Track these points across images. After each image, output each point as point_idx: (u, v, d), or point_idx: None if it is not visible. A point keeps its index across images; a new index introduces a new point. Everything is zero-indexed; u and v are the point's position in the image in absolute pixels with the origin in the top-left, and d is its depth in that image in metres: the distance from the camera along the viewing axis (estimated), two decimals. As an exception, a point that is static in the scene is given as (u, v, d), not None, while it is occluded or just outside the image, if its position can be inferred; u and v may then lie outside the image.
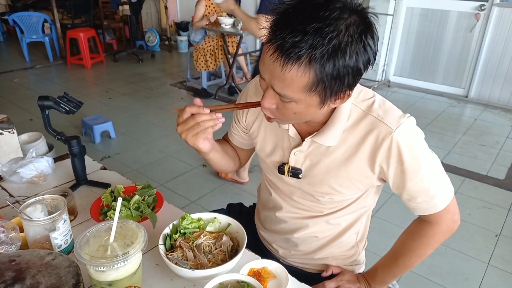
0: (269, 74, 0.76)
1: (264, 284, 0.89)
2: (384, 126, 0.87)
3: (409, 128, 0.88)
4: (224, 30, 4.19)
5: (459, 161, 3.26)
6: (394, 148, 0.87)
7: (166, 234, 0.97)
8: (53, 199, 0.98)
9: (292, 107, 0.79)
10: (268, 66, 0.75)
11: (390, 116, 0.88)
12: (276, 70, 0.73)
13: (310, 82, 0.72)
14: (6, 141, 1.35)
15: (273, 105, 0.82)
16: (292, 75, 0.72)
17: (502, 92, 4.45)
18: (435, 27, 4.71)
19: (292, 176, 1.00)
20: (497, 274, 2.10)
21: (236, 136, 1.17)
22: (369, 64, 0.77)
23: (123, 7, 6.30)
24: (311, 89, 0.74)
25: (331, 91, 0.75)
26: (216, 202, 2.66)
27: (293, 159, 0.99)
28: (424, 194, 0.93)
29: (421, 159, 0.89)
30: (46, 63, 6.04)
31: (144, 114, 4.19)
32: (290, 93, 0.75)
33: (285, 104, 0.79)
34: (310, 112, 0.81)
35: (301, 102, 0.77)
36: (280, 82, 0.74)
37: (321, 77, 0.71)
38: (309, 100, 0.76)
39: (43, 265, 0.76)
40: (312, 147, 0.95)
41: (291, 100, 0.77)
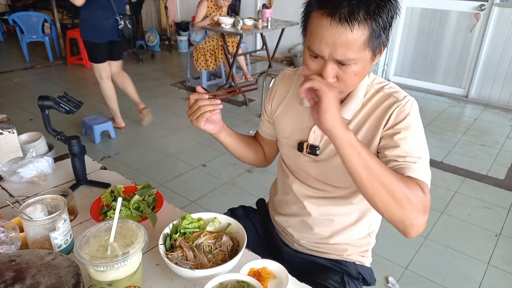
0: (329, 47, 0.83)
1: (264, 284, 0.89)
2: (393, 97, 0.97)
3: (412, 103, 0.97)
4: (224, 30, 4.19)
5: (459, 161, 3.26)
6: (395, 114, 0.95)
7: (166, 234, 0.97)
8: (53, 199, 0.98)
9: (353, 69, 0.86)
10: (329, 37, 0.82)
11: (398, 93, 0.99)
12: (340, 38, 0.81)
13: (367, 37, 0.82)
14: (6, 141, 1.35)
15: (334, 78, 0.88)
16: (354, 36, 0.81)
17: (502, 92, 4.45)
18: (435, 27, 4.71)
19: (310, 153, 1.06)
20: (497, 274, 2.10)
21: (263, 127, 1.25)
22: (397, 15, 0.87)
23: (123, 7, 6.30)
24: (368, 43, 0.83)
25: (379, 42, 0.85)
26: (216, 202, 2.66)
27: (312, 136, 1.06)
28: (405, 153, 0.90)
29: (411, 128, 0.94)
30: (46, 63, 6.04)
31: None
32: (353, 55, 0.83)
33: (346, 70, 0.86)
34: (365, 70, 0.90)
35: (359, 61, 0.85)
36: (343, 48, 0.82)
37: (373, 30, 0.82)
38: (365, 56, 0.85)
39: (43, 265, 0.76)
40: None
41: (351, 62, 0.85)
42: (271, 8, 4.53)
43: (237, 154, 1.23)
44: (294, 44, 5.85)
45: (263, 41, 4.90)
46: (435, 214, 2.57)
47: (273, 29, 4.52)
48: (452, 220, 2.52)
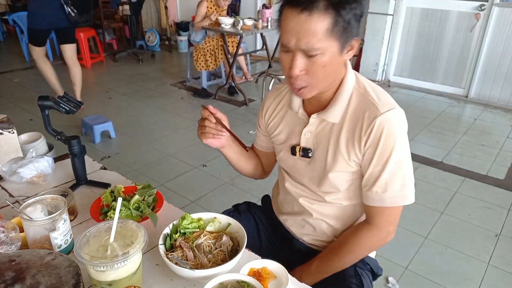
0: (295, 36, 0.87)
1: (264, 284, 0.89)
2: (374, 108, 0.97)
3: (395, 117, 0.96)
4: (224, 30, 4.19)
5: (459, 161, 3.26)
6: (375, 131, 0.95)
7: (166, 234, 0.97)
8: (53, 199, 0.98)
9: (320, 60, 0.89)
10: (294, 27, 0.87)
11: (383, 102, 0.98)
12: (301, 25, 0.86)
13: (330, 26, 0.86)
14: (6, 141, 1.35)
15: (303, 71, 0.92)
16: (315, 22, 0.85)
17: (502, 92, 4.45)
18: (435, 27, 4.71)
19: (303, 155, 1.09)
20: (497, 274, 2.10)
21: (258, 141, 1.30)
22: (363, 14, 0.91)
23: (123, 7, 6.30)
24: (331, 33, 0.86)
25: (346, 35, 0.88)
26: (216, 202, 2.66)
27: (304, 139, 1.09)
28: (379, 185, 0.99)
29: (394, 150, 0.95)
30: (46, 63, 6.03)
31: (144, 114, 4.20)
32: (317, 43, 0.86)
33: (313, 61, 0.89)
34: (335, 62, 0.92)
35: (326, 51, 0.88)
36: (306, 36, 0.86)
37: (336, 19, 0.85)
38: (331, 47, 0.88)
39: (43, 265, 0.76)
40: (320, 126, 1.05)
41: (318, 52, 0.88)
42: (271, 8, 4.53)
43: (237, 167, 1.28)
44: (294, 44, 5.84)
45: (263, 41, 4.90)
46: (435, 214, 2.57)
47: (273, 29, 4.51)
48: (452, 220, 2.52)
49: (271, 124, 1.20)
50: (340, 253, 1.08)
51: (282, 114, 1.16)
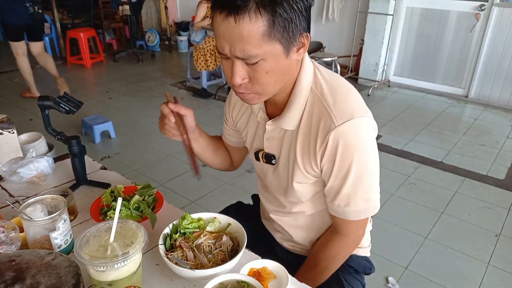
0: (228, 42, 0.77)
1: (264, 284, 0.89)
2: (329, 119, 0.86)
3: (353, 129, 0.85)
4: (224, 30, 4.18)
5: (459, 161, 3.26)
6: (330, 146, 0.87)
7: (166, 234, 0.97)
8: (53, 199, 0.98)
9: (263, 67, 0.79)
10: (224, 33, 0.76)
11: (339, 110, 0.86)
12: (232, 31, 0.74)
13: (266, 28, 0.74)
14: (6, 141, 1.35)
15: (245, 78, 0.82)
16: (247, 27, 0.73)
17: (502, 92, 4.45)
18: (435, 27, 4.71)
19: (266, 162, 1.03)
20: (497, 274, 2.10)
21: (227, 135, 1.22)
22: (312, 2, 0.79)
23: (123, 7, 6.30)
24: (270, 36, 0.75)
25: (289, 34, 0.77)
26: (216, 202, 2.66)
27: (267, 145, 1.02)
28: (340, 199, 0.93)
29: (352, 165, 0.88)
30: (46, 63, 6.03)
31: (144, 114, 4.20)
32: (253, 49, 0.75)
33: (255, 68, 0.79)
34: (281, 66, 0.81)
35: (267, 57, 0.77)
36: (240, 42, 0.75)
37: (273, 19, 0.73)
38: (273, 50, 0.77)
39: (43, 265, 0.76)
40: (280, 134, 0.98)
41: (258, 58, 0.77)
42: (271, 8, 4.52)
43: (202, 160, 1.19)
44: (294, 44, 5.84)
45: (263, 41, 4.90)
46: (435, 214, 2.57)
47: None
48: (452, 220, 2.52)
49: (238, 123, 1.13)
50: (316, 271, 1.03)
51: (247, 115, 1.08)
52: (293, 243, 1.17)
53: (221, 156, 1.23)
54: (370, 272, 1.18)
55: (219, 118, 4.10)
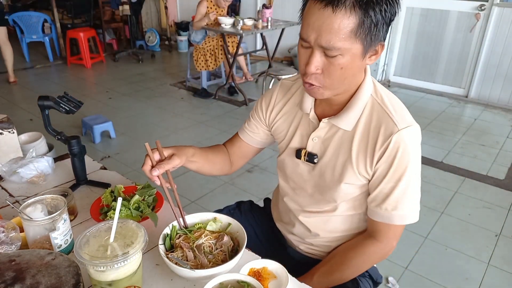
0: (315, 31, 0.81)
1: (264, 284, 0.89)
2: (392, 123, 0.92)
3: (413, 135, 0.92)
4: (224, 30, 4.19)
5: (459, 161, 3.26)
6: (392, 147, 0.91)
7: (166, 234, 0.97)
8: (53, 199, 0.98)
9: (339, 62, 0.83)
10: (316, 21, 0.80)
11: (401, 117, 0.93)
12: (325, 20, 0.79)
13: (355, 26, 0.79)
14: (6, 141, 1.35)
15: (319, 69, 0.86)
16: (340, 20, 0.78)
17: (502, 92, 4.45)
18: (435, 27, 4.71)
19: (308, 160, 1.04)
20: (497, 274, 2.10)
21: (249, 133, 1.20)
22: (394, 17, 0.84)
23: (123, 7, 6.31)
24: (356, 34, 0.80)
25: (371, 38, 0.82)
26: (216, 202, 2.66)
27: (310, 144, 1.04)
28: (389, 202, 0.95)
29: (407, 169, 0.92)
30: (46, 63, 6.04)
31: (144, 114, 4.20)
32: (338, 42, 0.80)
33: (332, 61, 0.83)
34: (354, 65, 0.86)
35: (346, 53, 0.82)
36: (328, 33, 0.80)
37: (363, 20, 0.79)
38: (354, 49, 0.82)
39: (43, 265, 0.76)
40: (330, 133, 1.00)
41: (337, 53, 0.82)
42: (271, 8, 4.53)
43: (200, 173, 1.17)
44: (294, 44, 5.84)
45: (263, 41, 4.90)
46: (435, 214, 2.57)
47: (273, 29, 4.52)
48: (452, 220, 2.52)
49: (277, 123, 1.13)
50: (343, 268, 1.04)
51: (290, 114, 1.10)
52: (312, 246, 1.17)
53: (219, 165, 1.20)
54: (380, 282, 1.21)
55: (219, 118, 4.11)
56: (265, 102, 1.16)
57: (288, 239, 1.23)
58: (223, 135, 3.52)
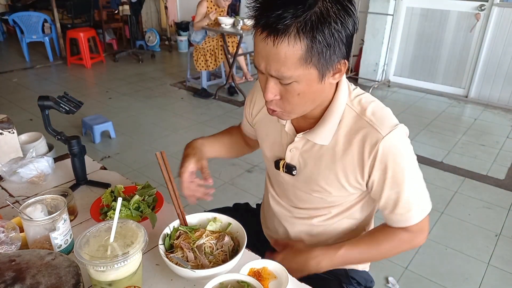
0: (264, 60, 0.78)
1: (265, 284, 0.89)
2: (374, 131, 0.88)
3: (399, 137, 0.88)
4: (224, 30, 4.19)
5: (459, 161, 3.26)
6: (381, 155, 0.88)
7: (166, 234, 0.97)
8: (53, 199, 0.98)
9: (295, 88, 0.80)
10: (261, 50, 0.77)
11: (382, 122, 0.88)
12: (269, 51, 0.75)
13: (303, 53, 0.74)
14: (6, 141, 1.35)
15: (277, 95, 0.83)
16: (285, 50, 0.74)
17: (502, 92, 4.45)
18: (435, 27, 4.71)
19: (287, 172, 1.02)
20: (497, 274, 2.10)
21: (245, 127, 1.23)
22: (355, 29, 0.78)
23: (123, 7, 6.31)
24: (307, 60, 0.75)
25: (326, 60, 0.77)
26: (216, 202, 2.65)
27: (289, 155, 1.01)
28: (402, 206, 0.93)
29: (405, 170, 0.90)
30: (46, 63, 6.04)
31: (144, 114, 4.20)
32: (288, 71, 0.76)
33: (287, 88, 0.80)
34: (313, 90, 0.82)
35: (301, 80, 0.78)
36: (276, 63, 0.76)
37: (312, 45, 0.73)
38: (308, 74, 0.78)
39: (43, 265, 0.76)
40: (307, 146, 0.97)
41: (291, 80, 0.78)
42: (271, 8, 4.52)
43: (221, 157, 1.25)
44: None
45: (263, 41, 4.90)
46: (435, 214, 2.57)
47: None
48: (452, 220, 2.52)
49: (257, 123, 1.12)
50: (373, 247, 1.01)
51: (269, 121, 1.06)
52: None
53: (236, 148, 1.27)
54: (371, 286, 1.19)
55: (219, 118, 4.11)
56: (249, 100, 1.15)
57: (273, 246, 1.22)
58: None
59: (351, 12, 0.75)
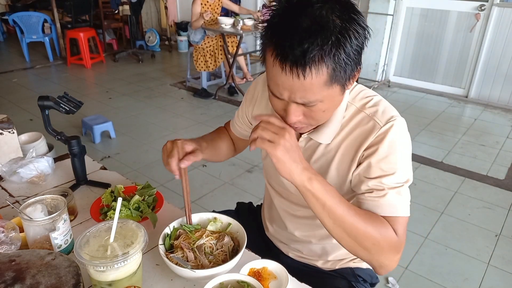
0: (288, 91, 0.76)
1: (265, 284, 0.89)
2: (373, 122, 0.88)
3: (398, 128, 0.87)
4: (223, 30, 4.19)
5: (459, 161, 3.26)
6: (377, 144, 0.86)
7: (166, 234, 0.97)
8: (53, 199, 0.98)
9: (320, 107, 0.79)
10: (286, 83, 0.75)
11: (381, 114, 0.89)
12: (296, 84, 0.74)
13: (328, 77, 0.74)
14: (6, 141, 1.35)
15: (300, 116, 0.82)
16: (312, 80, 0.73)
17: (502, 92, 4.46)
18: (435, 27, 4.71)
19: None
20: (497, 274, 2.10)
21: (237, 127, 1.19)
22: (370, 35, 0.77)
23: (123, 7, 6.31)
24: (331, 81, 0.75)
25: (348, 74, 0.76)
26: (216, 202, 2.66)
27: None
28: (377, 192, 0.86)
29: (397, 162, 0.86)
30: (46, 63, 6.04)
31: (144, 114, 4.20)
32: (314, 97, 0.76)
33: (312, 109, 0.80)
34: (336, 103, 0.83)
35: (325, 99, 0.78)
36: (302, 92, 0.75)
37: (335, 67, 0.73)
38: (332, 92, 0.77)
39: (43, 265, 0.76)
40: (309, 144, 0.97)
41: (316, 102, 0.78)
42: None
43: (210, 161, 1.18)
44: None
45: (263, 41, 4.89)
46: (435, 214, 2.57)
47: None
48: (452, 220, 2.52)
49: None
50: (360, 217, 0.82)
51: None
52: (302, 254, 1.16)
53: (225, 152, 1.22)
54: (376, 282, 1.19)
55: (219, 118, 4.10)
56: (248, 99, 1.13)
57: (277, 247, 1.22)
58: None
59: (362, 20, 0.75)
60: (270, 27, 0.75)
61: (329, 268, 1.16)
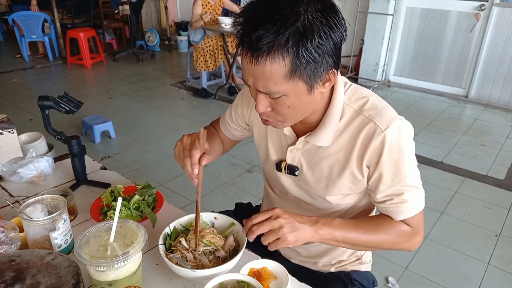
0: (251, 77, 0.78)
1: (265, 284, 0.89)
2: (374, 125, 0.87)
3: (399, 130, 0.87)
4: (223, 30, 4.19)
5: (459, 161, 3.26)
6: (381, 148, 0.87)
7: (166, 234, 0.97)
8: (53, 199, 0.98)
9: (284, 101, 0.80)
10: (248, 69, 0.77)
11: (381, 116, 0.87)
12: (254, 69, 0.76)
13: (288, 69, 0.74)
14: (6, 141, 1.35)
15: (268, 108, 0.84)
16: (269, 67, 0.74)
17: (502, 92, 4.45)
18: (435, 27, 4.71)
19: (289, 173, 1.01)
20: (497, 274, 2.10)
21: (228, 128, 1.17)
22: (343, 38, 0.77)
23: (123, 7, 6.31)
24: (292, 76, 0.75)
25: (314, 74, 0.76)
26: (216, 202, 2.66)
27: (289, 156, 1.00)
28: (397, 198, 0.91)
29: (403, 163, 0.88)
30: (46, 63, 6.04)
31: (144, 114, 4.20)
32: (274, 87, 0.77)
33: (277, 101, 0.80)
34: (303, 102, 0.82)
35: (290, 93, 0.78)
36: (262, 80, 0.76)
37: (296, 61, 0.73)
38: (296, 88, 0.78)
39: (43, 265, 0.76)
40: (307, 146, 0.97)
41: (280, 94, 0.78)
42: (271, 8, 4.52)
43: None
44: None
45: (263, 41, 4.89)
46: (435, 214, 2.57)
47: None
48: (452, 220, 2.52)
49: (255, 126, 1.09)
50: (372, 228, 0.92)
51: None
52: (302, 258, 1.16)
53: (217, 152, 1.17)
54: (374, 286, 1.19)
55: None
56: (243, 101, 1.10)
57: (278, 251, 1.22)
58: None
59: (336, 23, 0.74)
60: (243, 13, 0.76)
61: (325, 271, 1.16)
